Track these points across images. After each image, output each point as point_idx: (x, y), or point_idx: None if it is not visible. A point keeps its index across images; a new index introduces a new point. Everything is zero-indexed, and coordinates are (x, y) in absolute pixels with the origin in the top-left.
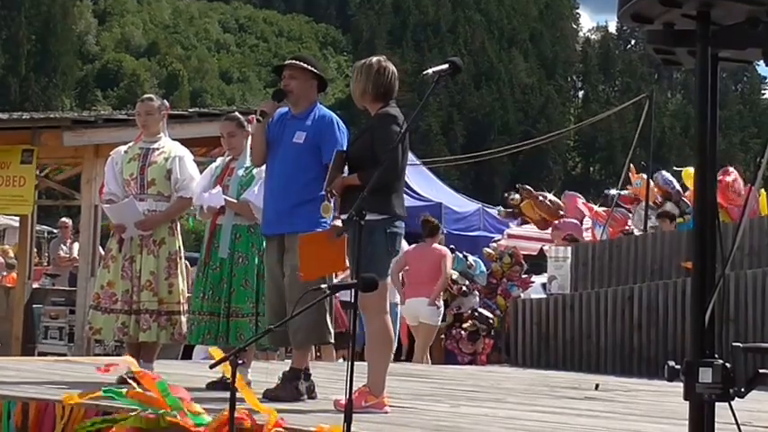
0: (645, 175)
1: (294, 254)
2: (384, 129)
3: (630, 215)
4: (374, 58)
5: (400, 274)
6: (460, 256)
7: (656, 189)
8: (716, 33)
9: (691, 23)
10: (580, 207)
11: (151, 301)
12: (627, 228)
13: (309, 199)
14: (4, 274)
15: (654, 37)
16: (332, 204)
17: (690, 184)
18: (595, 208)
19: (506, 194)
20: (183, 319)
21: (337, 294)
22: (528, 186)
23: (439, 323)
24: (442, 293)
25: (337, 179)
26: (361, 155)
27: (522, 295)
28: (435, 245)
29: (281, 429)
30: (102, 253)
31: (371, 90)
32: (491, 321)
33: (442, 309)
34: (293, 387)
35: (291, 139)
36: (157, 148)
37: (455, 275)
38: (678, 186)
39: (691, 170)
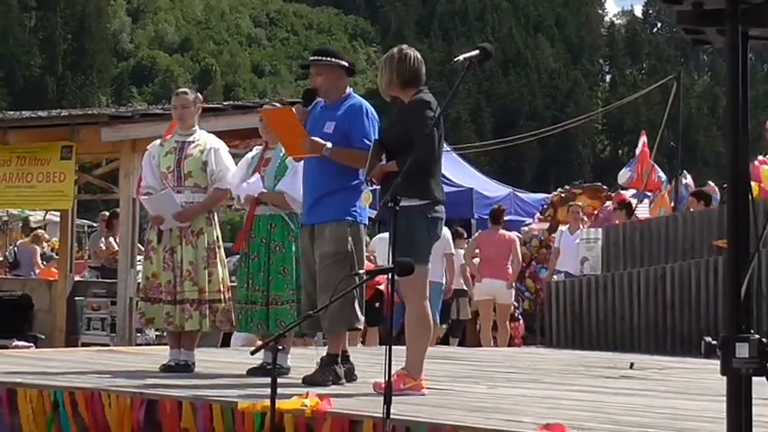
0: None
1: (323, 241)
2: (418, 114)
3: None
4: (395, 48)
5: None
6: None
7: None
8: (745, 11)
9: (720, 2)
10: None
11: (191, 290)
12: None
13: (339, 188)
14: (44, 264)
15: (683, 17)
16: (370, 193)
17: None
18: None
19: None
20: (223, 306)
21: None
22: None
23: (512, 301)
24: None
25: (376, 167)
26: (397, 141)
27: (555, 277)
28: (502, 230)
29: (324, 411)
30: (140, 246)
31: (397, 79)
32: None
33: (513, 289)
34: (331, 371)
35: (322, 129)
36: (193, 141)
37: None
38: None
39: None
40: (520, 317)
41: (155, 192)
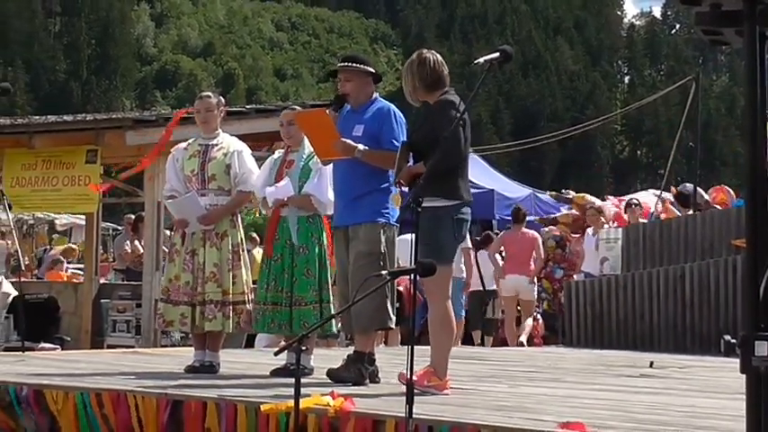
0: None
1: (358, 242)
2: (443, 115)
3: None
4: (414, 54)
5: (497, 255)
6: None
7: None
8: (762, 12)
9: (737, 3)
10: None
11: (215, 291)
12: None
13: (370, 190)
14: (69, 262)
15: (702, 18)
16: (399, 195)
17: None
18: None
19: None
20: (249, 308)
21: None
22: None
23: (535, 297)
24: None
25: (404, 169)
26: (424, 143)
27: (575, 276)
28: (525, 229)
29: (348, 411)
30: (165, 249)
31: (419, 83)
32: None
33: (536, 285)
34: (356, 369)
35: (351, 133)
36: (216, 144)
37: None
38: (706, 196)
39: None
40: (540, 317)
41: (179, 195)
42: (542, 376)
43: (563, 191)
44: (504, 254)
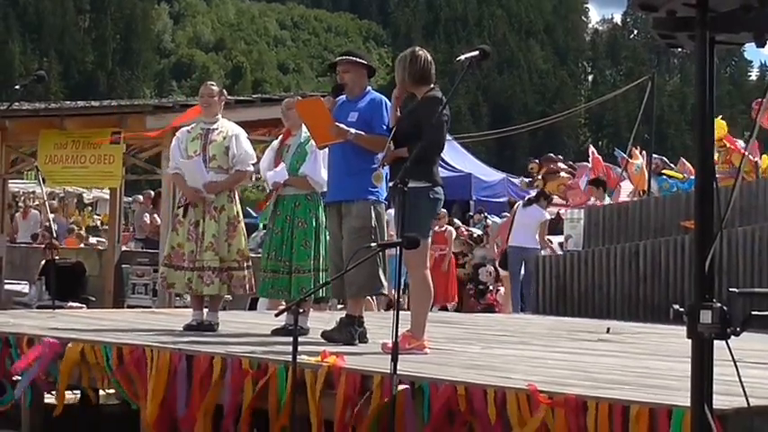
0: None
1: (349, 218)
2: (429, 110)
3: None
4: (408, 50)
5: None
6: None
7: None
8: (713, 19)
9: (691, 11)
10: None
11: (213, 259)
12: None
13: (360, 170)
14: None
15: (659, 23)
16: (383, 173)
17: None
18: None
19: (529, 166)
20: (243, 273)
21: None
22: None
23: None
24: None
25: (388, 152)
26: (409, 131)
27: (543, 252)
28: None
29: (339, 367)
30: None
31: (408, 78)
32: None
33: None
34: (348, 331)
35: (346, 119)
36: (216, 128)
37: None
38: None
39: None
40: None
41: (181, 172)
42: (511, 339)
43: (530, 157)
44: None
